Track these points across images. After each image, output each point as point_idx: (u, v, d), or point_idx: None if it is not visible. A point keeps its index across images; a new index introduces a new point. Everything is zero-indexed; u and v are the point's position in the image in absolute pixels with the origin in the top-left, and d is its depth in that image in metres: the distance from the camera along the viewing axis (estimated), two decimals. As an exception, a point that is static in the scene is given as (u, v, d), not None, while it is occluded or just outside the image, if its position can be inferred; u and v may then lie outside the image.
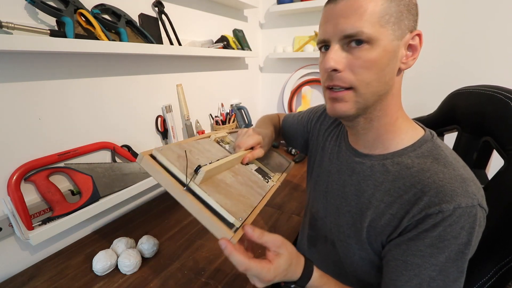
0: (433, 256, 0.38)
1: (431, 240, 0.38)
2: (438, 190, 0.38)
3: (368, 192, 0.47)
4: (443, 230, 0.37)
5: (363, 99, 0.42)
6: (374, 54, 0.39)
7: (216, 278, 0.63)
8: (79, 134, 0.78)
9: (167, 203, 0.97)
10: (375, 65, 0.40)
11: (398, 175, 0.44)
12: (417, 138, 0.45)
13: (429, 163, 0.42)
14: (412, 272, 0.40)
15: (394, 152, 0.46)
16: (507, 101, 0.51)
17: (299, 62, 1.55)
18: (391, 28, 0.39)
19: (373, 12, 0.38)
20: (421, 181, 0.40)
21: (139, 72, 0.93)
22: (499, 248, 0.46)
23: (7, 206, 0.61)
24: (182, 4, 1.08)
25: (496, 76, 1.08)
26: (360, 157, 0.50)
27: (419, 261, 0.39)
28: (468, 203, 0.37)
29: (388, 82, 0.42)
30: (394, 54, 0.41)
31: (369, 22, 0.38)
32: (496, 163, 0.53)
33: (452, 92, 0.68)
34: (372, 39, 0.39)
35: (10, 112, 0.63)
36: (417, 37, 0.42)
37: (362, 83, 0.41)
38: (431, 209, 0.38)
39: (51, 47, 0.60)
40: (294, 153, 1.41)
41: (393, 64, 0.41)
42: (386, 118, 0.45)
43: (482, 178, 0.58)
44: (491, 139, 0.55)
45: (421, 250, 0.39)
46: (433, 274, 0.39)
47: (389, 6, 0.39)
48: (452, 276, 0.39)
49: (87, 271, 0.66)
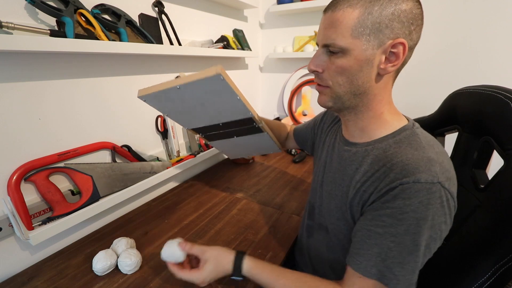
0: (392, 226, 0.42)
1: (391, 211, 0.42)
2: (403, 167, 0.43)
3: (350, 174, 0.52)
4: (402, 203, 0.41)
5: (336, 95, 0.50)
6: (345, 61, 0.46)
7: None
8: (79, 134, 0.78)
9: (167, 203, 0.97)
10: (346, 71, 0.46)
11: (375, 158, 0.48)
12: (399, 127, 0.50)
13: (403, 147, 0.46)
14: (374, 241, 0.44)
15: (376, 139, 0.51)
16: (507, 101, 0.51)
17: (299, 62, 1.55)
18: (365, 39, 0.44)
19: (347, 25, 0.43)
20: (391, 160, 0.45)
21: (139, 72, 0.93)
22: (498, 247, 0.47)
23: (7, 206, 0.61)
24: (182, 4, 1.08)
25: (496, 76, 1.08)
26: (348, 146, 0.56)
27: (380, 231, 0.43)
28: (428, 179, 0.40)
29: (362, 84, 0.47)
30: (367, 61, 0.45)
31: (342, 34, 0.44)
32: (496, 163, 0.53)
33: (452, 93, 0.68)
34: (343, 49, 0.45)
35: (10, 112, 0.63)
36: (400, 45, 0.44)
37: (335, 84, 0.49)
38: (394, 183, 0.42)
39: (51, 47, 0.60)
40: (294, 153, 1.41)
41: (366, 70, 0.46)
42: (370, 112, 0.51)
43: (482, 178, 0.58)
44: (491, 139, 0.55)
45: (383, 220, 0.43)
46: (391, 245, 0.42)
47: (365, 18, 0.43)
48: (408, 249, 0.42)
49: (87, 271, 0.66)
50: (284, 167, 1.29)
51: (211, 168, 1.30)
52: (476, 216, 0.53)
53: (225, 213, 0.90)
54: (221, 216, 0.89)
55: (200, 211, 0.92)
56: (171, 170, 0.97)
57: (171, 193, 1.05)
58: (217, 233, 0.80)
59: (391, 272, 0.42)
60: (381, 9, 0.42)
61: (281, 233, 0.80)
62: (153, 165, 0.94)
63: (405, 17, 0.42)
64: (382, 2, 0.42)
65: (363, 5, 0.42)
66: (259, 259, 0.57)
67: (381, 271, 0.43)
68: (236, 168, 1.28)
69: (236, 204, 0.96)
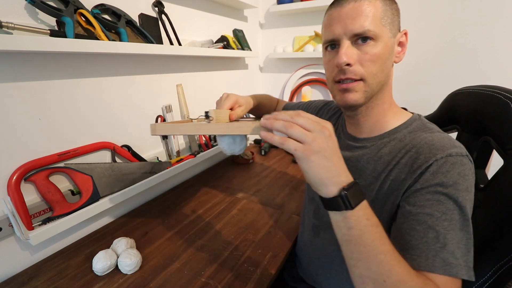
0: (441, 203, 0.40)
1: (435, 188, 0.41)
2: (430, 147, 0.43)
3: (369, 168, 0.52)
4: (443, 176, 0.41)
5: (370, 88, 0.49)
6: (378, 49, 0.46)
7: (216, 278, 0.63)
8: (79, 134, 0.78)
9: (167, 203, 0.97)
10: (379, 58, 0.47)
11: (394, 148, 0.49)
12: (407, 118, 0.52)
13: (419, 134, 0.48)
14: (425, 224, 0.39)
15: (389, 131, 0.52)
16: (506, 101, 0.51)
17: (299, 62, 1.55)
18: (389, 28, 0.47)
19: (376, 14, 0.46)
20: (414, 146, 0.46)
21: (139, 72, 0.93)
22: (498, 247, 0.47)
23: (7, 206, 0.61)
24: (182, 4, 1.08)
25: (496, 76, 1.08)
26: (359, 142, 0.56)
27: (429, 210, 0.40)
28: (458, 152, 0.42)
29: (388, 73, 0.50)
30: (392, 49, 0.49)
31: (373, 22, 0.46)
32: (496, 163, 0.53)
33: (452, 92, 0.68)
34: (376, 36, 0.46)
35: (10, 112, 0.63)
36: (404, 35, 0.51)
37: (370, 75, 0.48)
38: (428, 162, 0.42)
39: (51, 47, 0.60)
40: (294, 153, 1.41)
41: (391, 58, 0.49)
42: (384, 105, 0.52)
43: (482, 177, 0.58)
44: (491, 139, 0.55)
45: (428, 199, 0.41)
46: (445, 223, 0.39)
47: (386, 9, 0.47)
48: (460, 224, 0.39)
49: (87, 271, 0.66)
50: (284, 167, 1.29)
51: (211, 168, 1.30)
52: (476, 216, 0.53)
53: (225, 213, 0.90)
54: (221, 216, 0.89)
55: (200, 211, 0.92)
56: (171, 170, 0.97)
57: (171, 193, 1.05)
58: (217, 233, 0.80)
59: (454, 257, 0.37)
60: (390, 2, 0.48)
61: (281, 233, 0.80)
62: (153, 165, 0.94)
63: (399, 13, 0.50)
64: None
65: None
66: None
67: (445, 260, 0.37)
68: (236, 168, 1.28)
69: (236, 204, 0.96)
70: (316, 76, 1.51)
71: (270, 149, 1.51)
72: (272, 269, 0.66)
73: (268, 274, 0.64)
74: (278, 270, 0.67)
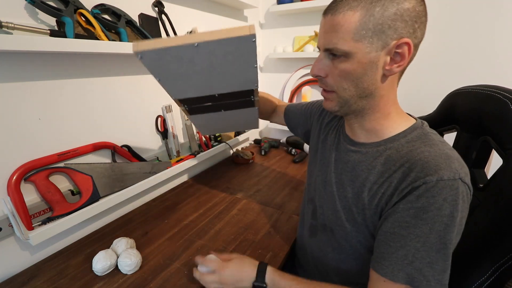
0: (417, 227, 0.41)
1: (415, 211, 0.41)
2: (423, 166, 0.42)
3: (362, 176, 0.51)
4: (426, 201, 0.40)
5: (343, 100, 0.49)
6: (348, 65, 0.45)
7: (216, 278, 0.63)
8: (79, 134, 0.78)
9: (167, 203, 0.97)
10: (350, 74, 0.45)
11: (389, 158, 0.48)
12: (408, 126, 0.50)
13: (417, 145, 0.46)
14: (398, 243, 0.42)
15: (386, 139, 0.50)
16: (505, 100, 0.51)
17: (299, 62, 1.55)
18: (368, 42, 0.43)
19: (348, 29, 0.42)
20: (409, 160, 0.44)
21: (139, 72, 0.93)
22: (497, 247, 0.47)
23: (7, 206, 0.61)
24: (182, 4, 1.08)
25: (495, 76, 1.08)
26: (356, 146, 0.55)
27: (404, 232, 0.42)
28: (450, 176, 0.40)
29: (367, 87, 0.46)
30: (371, 64, 0.44)
31: (343, 39, 0.43)
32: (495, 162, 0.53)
33: (451, 92, 0.68)
34: (346, 53, 0.44)
35: (10, 112, 0.63)
36: (405, 45, 0.43)
37: (340, 88, 0.48)
38: (416, 182, 0.41)
39: (51, 47, 0.60)
40: (294, 152, 1.42)
41: (371, 73, 0.45)
42: (378, 114, 0.50)
43: (481, 177, 0.58)
44: (490, 139, 0.55)
45: (406, 221, 0.42)
46: (417, 245, 0.41)
47: (367, 21, 0.42)
48: (436, 247, 0.40)
49: (87, 271, 0.66)
50: (284, 167, 1.29)
51: (211, 168, 1.30)
52: (475, 216, 0.53)
53: (225, 213, 0.90)
54: (221, 216, 0.89)
55: (200, 211, 0.92)
56: (171, 170, 0.97)
57: (171, 193, 1.05)
58: (217, 233, 0.80)
59: (421, 274, 0.40)
60: (382, 9, 0.41)
61: (281, 233, 0.80)
62: (153, 165, 0.94)
63: (408, 16, 0.41)
64: (383, 2, 0.41)
65: (364, 7, 0.41)
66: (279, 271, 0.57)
67: (409, 275, 0.41)
68: (236, 168, 1.28)
69: (236, 204, 0.96)
70: (316, 76, 1.51)
71: (270, 149, 1.51)
72: (272, 269, 0.66)
73: (268, 274, 0.64)
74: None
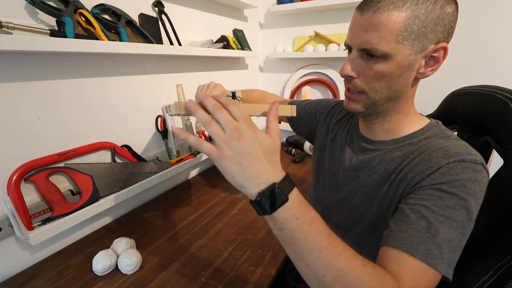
0: (441, 199, 0.39)
1: (439, 186, 0.40)
2: (444, 152, 0.42)
3: (380, 169, 0.51)
4: (452, 178, 0.39)
5: (372, 102, 0.48)
6: (386, 67, 0.43)
7: (216, 278, 0.63)
8: (79, 134, 0.78)
9: (167, 203, 0.97)
10: (386, 76, 0.44)
11: (408, 151, 0.48)
12: (425, 125, 0.50)
13: (435, 139, 0.47)
14: (419, 214, 0.39)
15: (405, 136, 0.51)
16: (506, 101, 0.51)
17: (299, 62, 1.55)
18: (410, 44, 0.41)
19: (392, 29, 0.40)
20: (427, 149, 0.45)
21: (139, 72, 0.93)
22: (498, 247, 0.46)
23: (7, 206, 0.61)
24: (182, 4, 1.08)
25: (496, 76, 1.08)
26: (373, 144, 0.54)
27: (427, 203, 0.39)
28: (472, 159, 0.40)
29: (399, 90, 0.46)
30: (409, 67, 0.43)
31: (386, 39, 0.41)
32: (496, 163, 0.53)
33: (451, 92, 0.68)
34: (386, 55, 0.42)
35: (10, 112, 0.63)
36: (441, 50, 0.43)
37: (371, 90, 0.46)
38: (439, 163, 0.41)
39: (51, 47, 0.60)
40: (294, 152, 1.41)
41: (406, 75, 0.44)
42: (399, 114, 0.50)
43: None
44: (491, 139, 0.55)
45: (428, 194, 0.40)
46: (441, 218, 0.37)
47: (412, 23, 0.40)
48: (456, 224, 0.38)
49: (87, 271, 0.66)
50: (284, 167, 1.28)
51: (211, 168, 1.30)
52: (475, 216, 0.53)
53: (225, 213, 0.90)
54: (221, 216, 0.89)
55: (200, 211, 0.92)
56: (171, 170, 0.97)
57: (171, 193, 1.05)
58: (217, 233, 0.80)
59: (439, 250, 0.37)
60: (427, 12, 0.40)
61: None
62: (153, 165, 0.94)
63: (448, 20, 0.41)
64: (428, 4, 0.40)
65: (410, 8, 0.40)
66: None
67: (428, 250, 0.36)
68: (236, 168, 1.28)
69: (236, 204, 0.96)
70: (316, 76, 1.51)
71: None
72: (272, 269, 0.66)
73: (268, 274, 0.64)
74: (278, 270, 0.67)
